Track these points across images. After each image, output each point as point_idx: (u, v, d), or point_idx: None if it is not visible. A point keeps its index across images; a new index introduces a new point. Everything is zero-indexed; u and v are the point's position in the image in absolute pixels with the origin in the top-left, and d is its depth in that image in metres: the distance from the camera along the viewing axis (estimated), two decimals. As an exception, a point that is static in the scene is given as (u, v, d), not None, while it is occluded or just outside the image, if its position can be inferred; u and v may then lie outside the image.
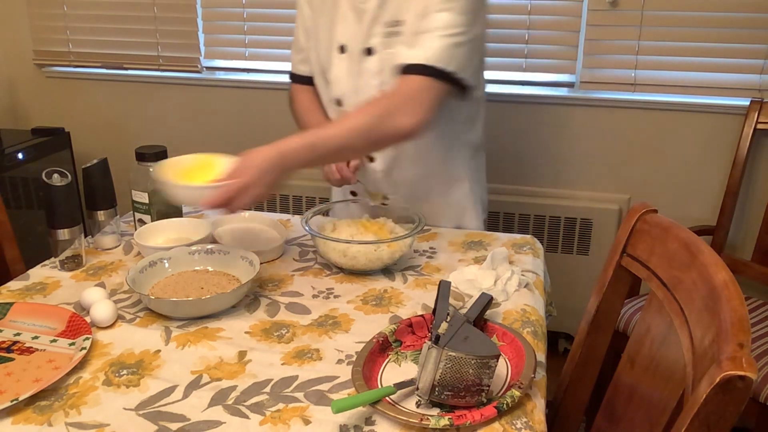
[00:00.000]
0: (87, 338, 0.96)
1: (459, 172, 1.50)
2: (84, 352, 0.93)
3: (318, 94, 1.50)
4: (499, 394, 0.86)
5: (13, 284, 1.18)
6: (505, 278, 1.16)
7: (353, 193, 1.55)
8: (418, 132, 1.21)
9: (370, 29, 1.31)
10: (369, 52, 1.33)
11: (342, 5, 1.34)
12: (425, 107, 1.20)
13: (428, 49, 1.21)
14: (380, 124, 1.18)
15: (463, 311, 0.99)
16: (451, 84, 1.23)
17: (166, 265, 1.17)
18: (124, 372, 0.92)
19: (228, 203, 1.07)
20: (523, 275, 1.20)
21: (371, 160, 1.45)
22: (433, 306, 1.03)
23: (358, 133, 1.17)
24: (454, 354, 0.80)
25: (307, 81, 1.51)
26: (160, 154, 1.32)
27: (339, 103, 1.41)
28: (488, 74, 1.48)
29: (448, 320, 0.88)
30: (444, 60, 1.21)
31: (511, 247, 1.36)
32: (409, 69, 1.22)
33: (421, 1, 1.24)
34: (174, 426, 0.81)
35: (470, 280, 1.16)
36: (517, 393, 0.82)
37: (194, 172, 1.15)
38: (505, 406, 0.81)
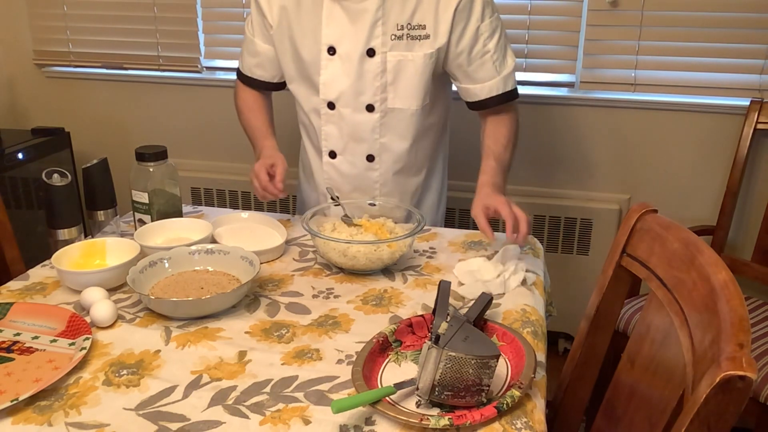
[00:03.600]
0: (87, 338, 0.96)
1: (437, 163, 1.57)
2: (84, 352, 0.93)
3: (261, 99, 1.54)
4: (499, 394, 0.86)
5: (13, 284, 1.18)
6: (509, 272, 1.16)
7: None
8: None
9: (371, 30, 1.31)
10: (370, 53, 1.33)
11: (328, 6, 1.32)
12: None
13: (506, 77, 1.41)
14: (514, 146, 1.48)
15: (463, 311, 0.99)
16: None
17: (166, 265, 1.17)
18: (124, 372, 0.92)
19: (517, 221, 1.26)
20: (526, 273, 1.20)
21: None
22: (433, 306, 1.03)
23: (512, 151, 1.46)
24: (454, 354, 0.80)
25: (257, 85, 1.53)
26: (160, 154, 1.32)
27: (331, 106, 1.39)
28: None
29: (448, 320, 0.88)
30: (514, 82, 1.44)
31: (511, 247, 1.36)
32: (502, 97, 1.42)
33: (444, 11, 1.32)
34: (174, 426, 0.81)
35: (472, 270, 1.17)
36: (517, 393, 0.83)
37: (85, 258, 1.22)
38: (505, 406, 0.81)
